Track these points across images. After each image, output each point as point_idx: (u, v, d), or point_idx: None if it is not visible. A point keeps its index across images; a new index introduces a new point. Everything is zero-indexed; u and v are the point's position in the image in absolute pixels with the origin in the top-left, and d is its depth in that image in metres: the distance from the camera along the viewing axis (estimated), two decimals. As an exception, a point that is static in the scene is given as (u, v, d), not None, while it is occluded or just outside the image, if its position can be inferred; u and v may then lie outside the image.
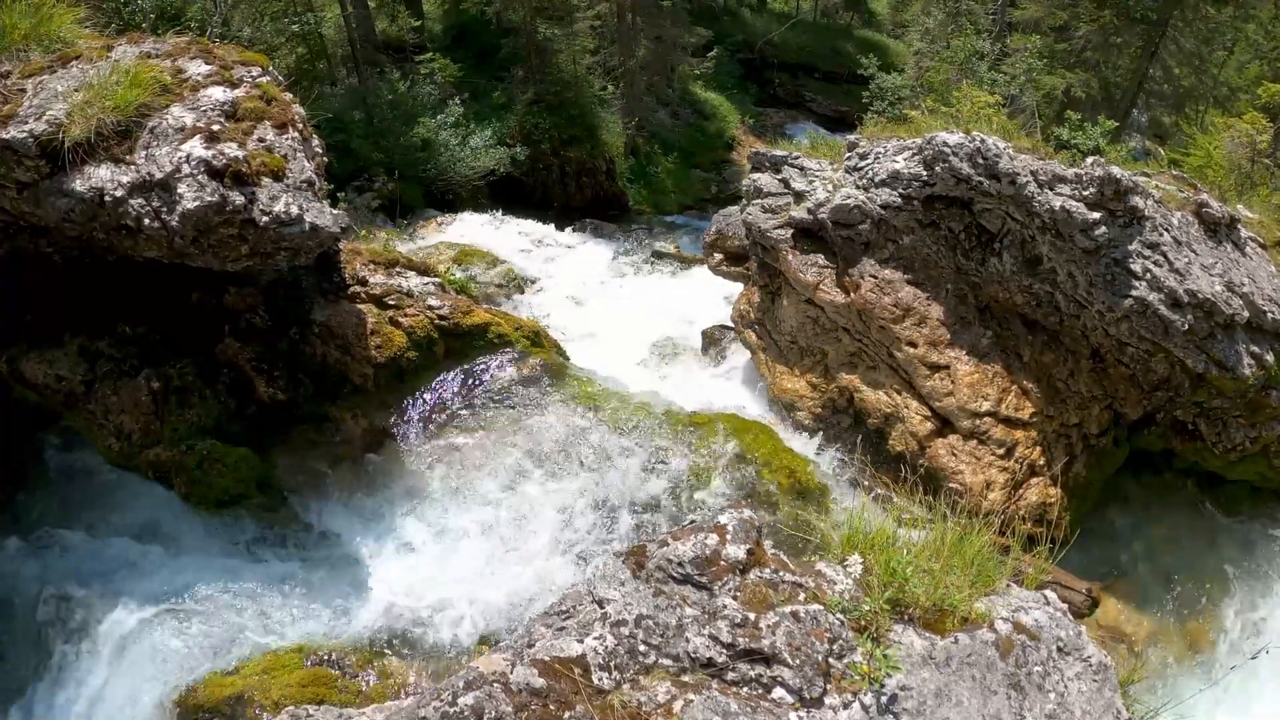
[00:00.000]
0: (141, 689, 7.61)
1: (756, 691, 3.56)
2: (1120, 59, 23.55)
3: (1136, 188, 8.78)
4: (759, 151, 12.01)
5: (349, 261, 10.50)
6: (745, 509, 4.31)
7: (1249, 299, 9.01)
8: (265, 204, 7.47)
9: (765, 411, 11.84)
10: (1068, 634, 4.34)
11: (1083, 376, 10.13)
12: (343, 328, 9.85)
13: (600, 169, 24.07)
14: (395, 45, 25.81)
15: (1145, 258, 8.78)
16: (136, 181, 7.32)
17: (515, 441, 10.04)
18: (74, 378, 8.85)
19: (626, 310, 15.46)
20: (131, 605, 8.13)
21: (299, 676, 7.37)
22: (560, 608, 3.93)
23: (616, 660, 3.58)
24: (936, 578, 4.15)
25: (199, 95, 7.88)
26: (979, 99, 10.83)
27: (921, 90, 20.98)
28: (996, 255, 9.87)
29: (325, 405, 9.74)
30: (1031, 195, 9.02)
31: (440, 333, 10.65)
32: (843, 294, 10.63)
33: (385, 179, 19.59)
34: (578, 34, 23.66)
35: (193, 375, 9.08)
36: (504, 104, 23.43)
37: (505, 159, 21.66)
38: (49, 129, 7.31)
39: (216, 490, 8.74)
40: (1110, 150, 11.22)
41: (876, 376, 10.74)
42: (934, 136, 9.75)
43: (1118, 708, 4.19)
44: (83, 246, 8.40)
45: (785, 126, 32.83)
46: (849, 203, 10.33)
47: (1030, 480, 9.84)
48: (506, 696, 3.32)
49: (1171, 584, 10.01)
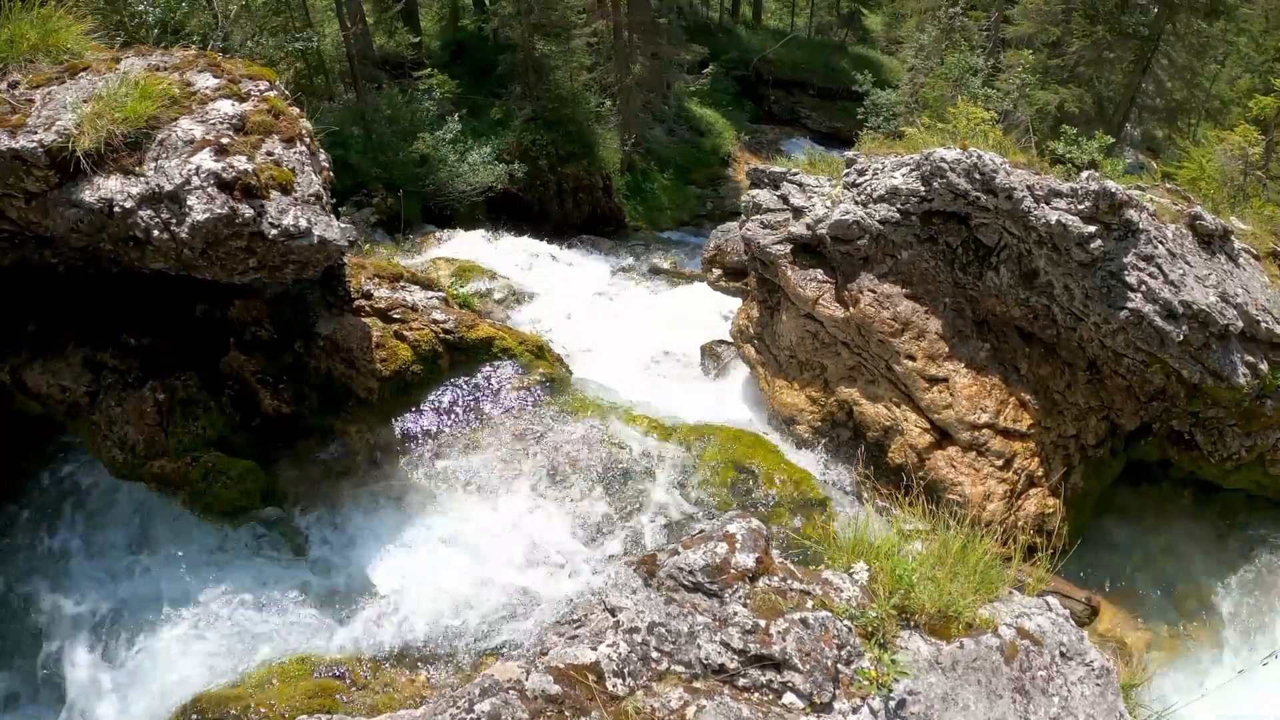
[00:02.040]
0: (145, 700, 7.61)
1: (767, 697, 3.61)
2: (1113, 73, 23.76)
3: (1131, 201, 8.89)
4: (758, 168, 12.12)
5: (354, 275, 10.56)
6: (753, 518, 4.37)
7: (1243, 309, 9.11)
8: (274, 217, 7.53)
9: (765, 425, 11.91)
10: (1070, 639, 4.40)
11: (1080, 388, 10.22)
12: (348, 341, 9.91)
13: (597, 185, 24.18)
14: (393, 61, 25.96)
15: (1140, 270, 8.88)
16: (146, 193, 7.38)
17: (519, 453, 10.09)
18: (78, 388, 8.87)
19: (625, 325, 15.54)
20: (135, 616, 8.17)
21: (304, 687, 7.39)
22: (573, 616, 3.99)
23: (630, 667, 3.63)
24: (941, 585, 4.21)
25: (208, 108, 7.94)
26: (975, 115, 10.92)
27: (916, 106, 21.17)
28: (994, 269, 9.97)
29: (330, 418, 9.78)
30: (1028, 209, 9.12)
31: (445, 346, 10.71)
32: (842, 308, 10.72)
33: (384, 194, 19.66)
34: (575, 51, 23.78)
35: (197, 387, 9.11)
36: (501, 120, 23.56)
37: (503, 175, 21.75)
38: (58, 139, 7.34)
39: (221, 502, 8.77)
40: (1106, 164, 11.32)
41: (876, 390, 10.82)
42: (931, 152, 9.85)
43: (1120, 711, 4.26)
44: (88, 257, 8.43)
45: (780, 143, 33.05)
46: (848, 218, 10.43)
47: (1029, 491, 9.91)
48: (522, 703, 3.37)
49: (1169, 592, 10.08)
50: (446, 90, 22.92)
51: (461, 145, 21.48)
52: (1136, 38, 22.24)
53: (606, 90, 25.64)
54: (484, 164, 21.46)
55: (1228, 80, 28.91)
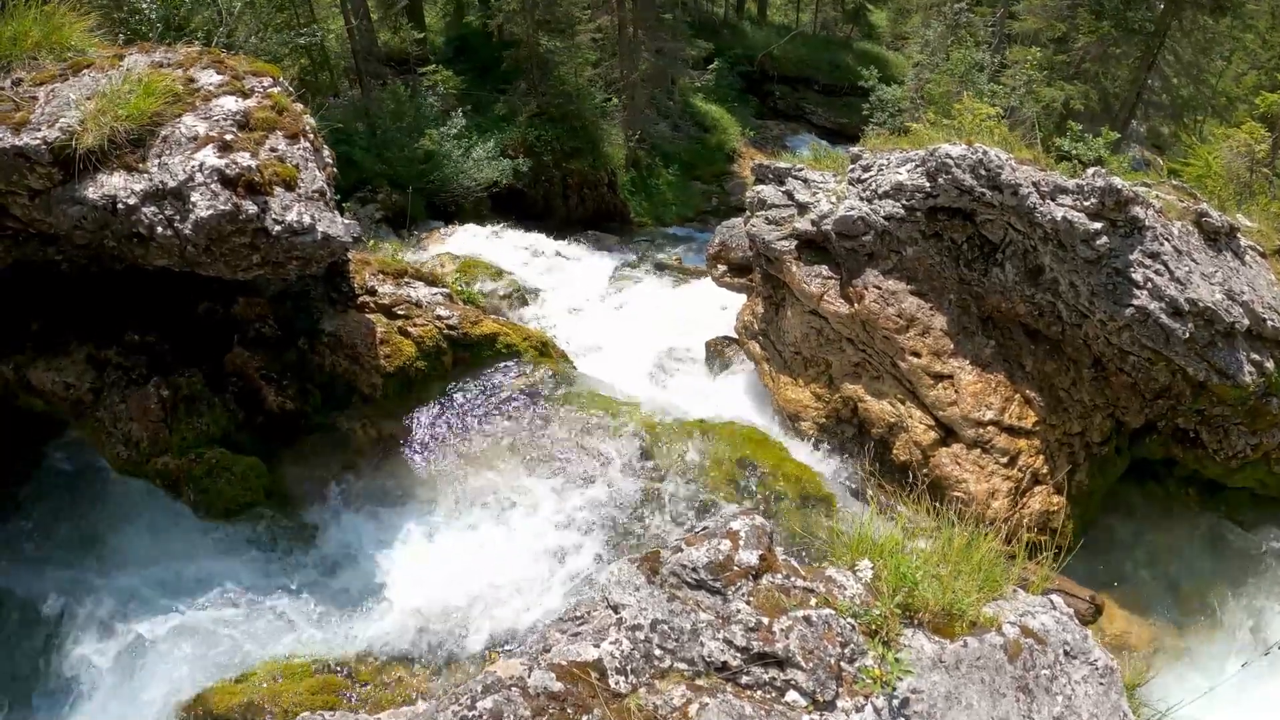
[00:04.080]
0: (149, 698, 7.62)
1: (770, 695, 3.59)
2: (1119, 70, 23.69)
3: (1137, 198, 8.86)
4: (763, 164, 12.10)
5: (358, 271, 10.56)
6: (756, 515, 4.36)
7: (1249, 307, 9.08)
8: (278, 213, 7.52)
9: (769, 422, 11.89)
10: (1074, 638, 4.38)
11: (1085, 385, 10.19)
12: (351, 337, 9.91)
13: (602, 181, 24.15)
14: (398, 57, 25.97)
15: (1146, 267, 8.85)
16: (149, 190, 7.37)
17: (524, 450, 10.09)
18: (82, 385, 8.88)
19: (629, 321, 15.54)
20: (139, 613, 8.17)
21: (309, 684, 7.40)
22: (575, 613, 3.98)
23: (632, 664, 3.62)
24: (945, 583, 4.19)
25: (211, 105, 7.94)
26: (980, 111, 10.91)
27: (922, 102, 21.12)
28: (999, 266, 9.94)
29: (334, 415, 9.79)
30: (1033, 206, 9.09)
31: (449, 343, 10.71)
32: (846, 305, 10.70)
33: (388, 190, 19.67)
34: (579, 47, 23.75)
35: (201, 384, 9.12)
36: (506, 116, 23.54)
37: (507, 171, 21.74)
38: (62, 136, 7.34)
39: (225, 499, 8.78)
40: (1112, 161, 11.28)
41: (880, 386, 10.80)
42: (937, 148, 9.82)
43: (1124, 710, 4.24)
44: (91, 255, 8.44)
45: (785, 139, 33.01)
46: (853, 214, 10.40)
47: (1033, 488, 9.88)
48: (525, 700, 3.36)
49: (1174, 591, 10.05)
50: (451, 86, 22.91)
51: (466, 141, 21.47)
52: (1142, 34, 22.17)
53: (611, 86, 25.59)
54: (488, 160, 21.45)
55: (1234, 77, 28.81)
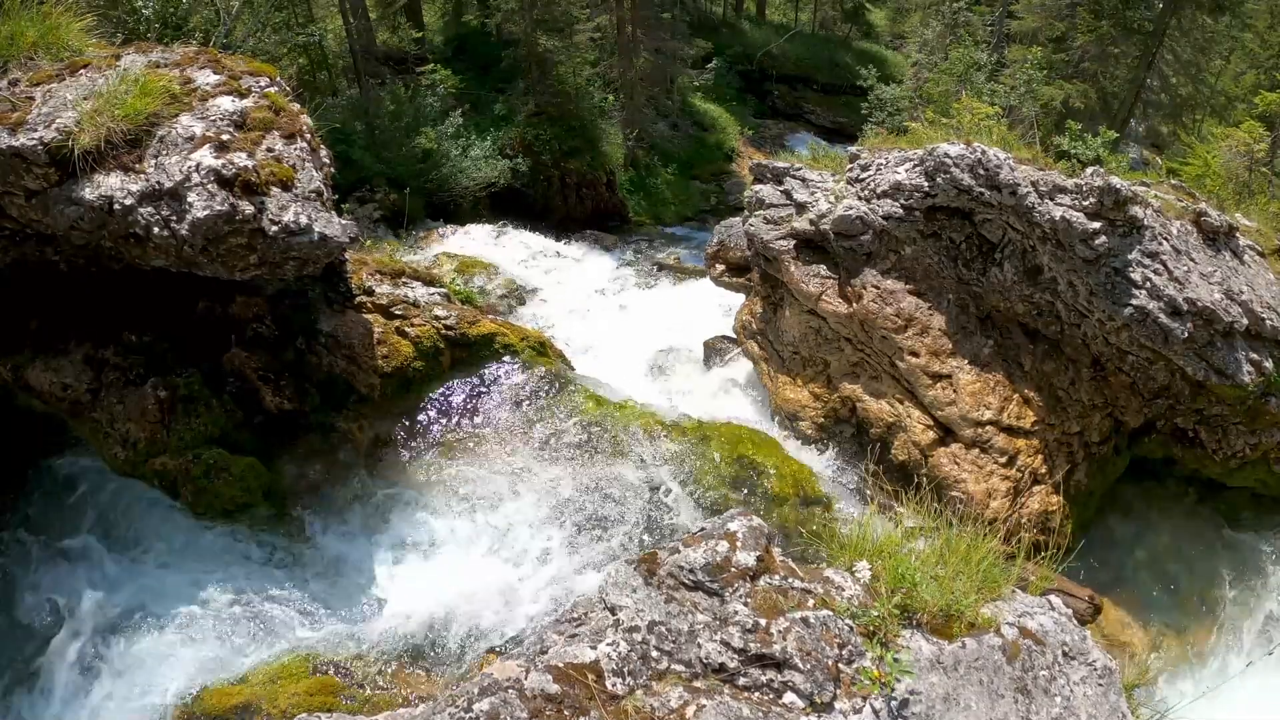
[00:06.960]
0: (146, 698, 7.60)
1: (768, 696, 3.59)
2: (1118, 69, 23.71)
3: (1136, 197, 8.85)
4: (761, 163, 12.08)
5: (355, 271, 10.54)
6: (754, 516, 4.35)
7: (1248, 306, 9.07)
8: (274, 213, 7.51)
9: (768, 422, 11.88)
10: (1073, 638, 4.38)
11: (1083, 385, 10.18)
12: (349, 337, 9.89)
13: (601, 180, 24.13)
14: (396, 57, 25.90)
15: (1145, 267, 8.84)
16: (146, 190, 7.36)
17: (522, 450, 10.08)
18: (80, 385, 8.88)
19: (628, 321, 15.52)
20: (136, 614, 8.15)
21: (306, 685, 7.38)
22: (572, 615, 3.97)
23: (630, 666, 3.61)
24: (944, 583, 4.19)
25: (208, 105, 7.92)
26: (979, 110, 10.90)
27: (920, 102, 21.10)
28: (997, 265, 9.93)
29: (332, 415, 9.77)
30: (1032, 205, 9.08)
31: (447, 343, 10.69)
32: (845, 304, 10.69)
33: (387, 190, 19.65)
34: (578, 46, 23.71)
35: (199, 384, 9.11)
36: (505, 115, 23.52)
37: (506, 170, 21.73)
38: (59, 136, 7.32)
39: (223, 499, 8.77)
40: (1110, 160, 11.28)
41: (879, 386, 10.79)
42: (935, 148, 9.81)
43: (1123, 711, 4.23)
44: (89, 255, 8.42)
45: (784, 138, 32.98)
46: (851, 214, 10.39)
47: (1032, 488, 9.88)
48: (521, 702, 3.35)
49: (1173, 591, 10.04)
50: (450, 85, 22.86)
51: (464, 140, 21.45)
52: (1142, 33, 22.20)
53: (610, 85, 25.58)
54: (486, 159, 21.43)
55: (1233, 76, 28.85)
